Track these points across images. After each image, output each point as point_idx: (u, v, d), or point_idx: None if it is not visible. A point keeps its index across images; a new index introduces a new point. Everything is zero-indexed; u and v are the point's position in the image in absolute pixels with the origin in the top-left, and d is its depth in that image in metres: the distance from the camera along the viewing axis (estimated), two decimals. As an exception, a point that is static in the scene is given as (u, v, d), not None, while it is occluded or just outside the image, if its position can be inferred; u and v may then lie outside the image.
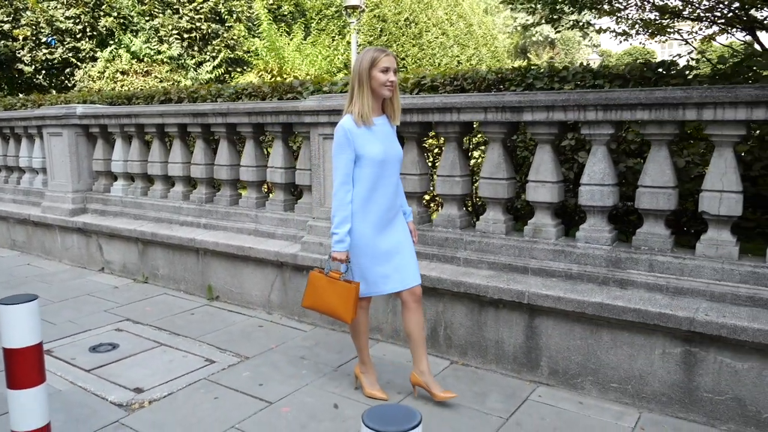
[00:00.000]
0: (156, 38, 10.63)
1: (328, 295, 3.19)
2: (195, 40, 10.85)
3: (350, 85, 3.15)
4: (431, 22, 20.13)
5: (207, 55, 10.97)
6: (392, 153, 3.17)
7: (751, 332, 2.92)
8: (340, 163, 3.08)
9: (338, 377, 3.74)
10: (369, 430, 1.39)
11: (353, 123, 3.05)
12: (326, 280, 3.21)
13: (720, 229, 3.25)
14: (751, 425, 3.04)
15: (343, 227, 3.10)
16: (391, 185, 3.19)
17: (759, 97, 2.95)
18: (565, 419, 3.22)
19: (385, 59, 3.04)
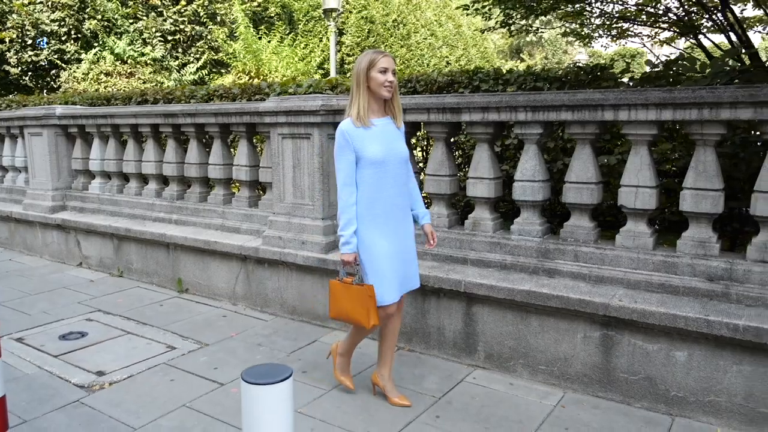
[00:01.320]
0: (140, 40, 10.89)
1: (346, 302, 3.16)
2: (179, 42, 11.10)
3: (351, 88, 3.17)
4: (420, 23, 20.37)
5: (191, 57, 11.23)
6: (394, 153, 3.13)
7: (658, 316, 3.17)
8: (342, 164, 3.08)
9: (290, 362, 3.98)
10: (246, 383, 1.64)
11: (352, 124, 3.06)
12: (341, 286, 3.19)
13: (637, 221, 3.51)
14: (662, 402, 3.29)
15: (349, 229, 3.08)
16: (396, 186, 3.15)
17: (666, 100, 3.20)
18: (494, 398, 3.47)
19: (383, 60, 3.05)
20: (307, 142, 4.45)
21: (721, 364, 3.11)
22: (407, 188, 3.28)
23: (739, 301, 3.14)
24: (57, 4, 10.65)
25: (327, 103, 4.29)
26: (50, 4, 10.72)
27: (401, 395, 3.40)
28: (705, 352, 3.14)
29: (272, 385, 1.61)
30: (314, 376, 3.77)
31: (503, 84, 4.49)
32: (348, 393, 3.53)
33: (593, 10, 5.55)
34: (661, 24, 6.24)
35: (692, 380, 3.19)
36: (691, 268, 3.29)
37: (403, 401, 3.35)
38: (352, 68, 3.07)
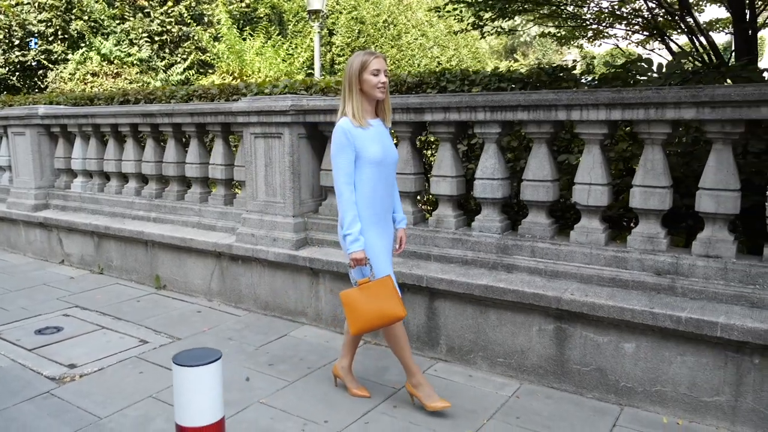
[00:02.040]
0: (126, 41, 10.99)
1: (372, 304, 3.04)
2: (166, 43, 11.21)
3: (342, 89, 3.16)
4: (411, 23, 20.49)
5: (178, 57, 11.34)
6: (390, 154, 3.18)
7: (607, 309, 3.29)
8: (342, 163, 3.05)
9: (257, 355, 4.09)
10: (177, 366, 1.74)
11: (351, 124, 3.05)
12: (359, 291, 3.08)
13: (590, 218, 3.62)
14: (612, 393, 3.40)
15: (356, 226, 3.05)
16: (387, 187, 3.19)
17: (615, 100, 3.31)
18: (452, 389, 3.58)
19: (375, 61, 3.05)
20: (278, 142, 4.56)
21: (666, 355, 3.22)
22: (393, 190, 3.31)
23: (684, 294, 3.26)
24: (44, 5, 10.76)
25: (297, 103, 4.40)
26: (37, 5, 10.84)
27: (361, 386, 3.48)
28: (651, 344, 3.25)
29: (201, 367, 1.71)
30: (280, 368, 3.87)
31: (469, 85, 4.61)
32: (311, 385, 3.64)
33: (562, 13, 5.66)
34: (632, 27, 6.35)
35: (640, 371, 3.30)
36: (640, 262, 3.41)
37: (362, 392, 3.44)
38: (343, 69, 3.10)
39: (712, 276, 3.22)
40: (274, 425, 3.19)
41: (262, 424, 3.20)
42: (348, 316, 3.11)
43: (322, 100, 4.49)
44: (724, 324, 2.99)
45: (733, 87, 3.06)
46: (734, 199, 3.17)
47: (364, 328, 3.10)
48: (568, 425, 3.18)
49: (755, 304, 3.08)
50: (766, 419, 3.00)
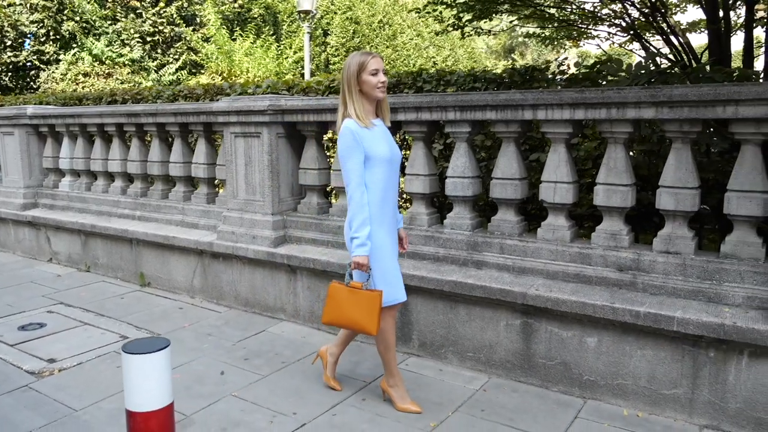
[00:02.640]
0: (118, 41, 11.09)
1: (351, 307, 3.08)
2: (158, 43, 11.31)
3: (341, 91, 3.13)
4: (406, 23, 20.56)
5: (170, 58, 11.43)
6: (396, 153, 3.17)
7: (570, 304, 3.36)
8: (353, 165, 3.01)
9: (234, 350, 4.17)
10: (126, 354, 1.83)
11: (357, 125, 3.02)
12: (347, 291, 3.10)
13: (557, 215, 3.70)
14: (576, 386, 3.48)
15: (364, 230, 3.00)
16: (395, 186, 3.18)
17: (578, 100, 3.39)
18: (422, 383, 3.66)
19: (373, 61, 3.04)
20: (257, 141, 4.64)
21: (627, 349, 3.30)
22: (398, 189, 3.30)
23: (644, 289, 3.34)
24: (36, 6, 10.86)
25: (275, 103, 4.48)
26: (29, 6, 10.94)
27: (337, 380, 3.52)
28: (613, 338, 3.33)
29: (148, 355, 1.79)
30: (254, 363, 3.95)
31: (444, 85, 4.68)
32: (284, 379, 3.72)
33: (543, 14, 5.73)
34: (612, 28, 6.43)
35: (602, 365, 3.38)
36: (603, 258, 3.49)
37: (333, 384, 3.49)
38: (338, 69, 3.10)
39: (671, 272, 3.30)
40: (243, 417, 3.26)
41: (232, 416, 3.28)
42: (326, 305, 3.19)
43: (300, 100, 4.57)
44: (680, 318, 3.06)
45: (689, 87, 3.13)
46: (692, 197, 3.25)
47: (332, 323, 3.21)
48: (530, 417, 3.25)
49: (712, 299, 3.16)
50: (721, 411, 3.08)
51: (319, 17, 16.36)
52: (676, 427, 3.14)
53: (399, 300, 3.18)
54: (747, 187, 3.11)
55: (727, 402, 3.06)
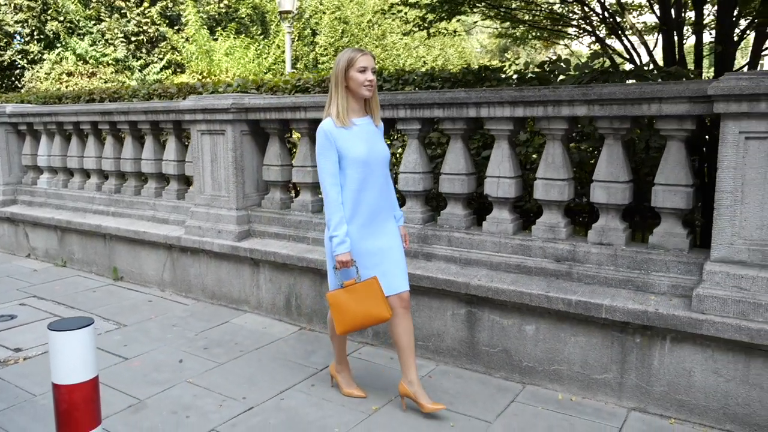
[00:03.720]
0: (102, 41, 11.23)
1: (358, 305, 3.04)
2: (142, 43, 11.45)
3: (329, 88, 3.11)
4: (395, 23, 20.70)
5: (155, 57, 11.57)
6: (376, 153, 3.10)
7: (508, 293, 3.52)
8: (326, 164, 3.02)
9: (196, 340, 4.32)
10: (51, 331, 1.97)
11: (333, 124, 3.01)
12: (345, 293, 3.08)
13: (500, 209, 3.85)
14: (516, 372, 3.63)
15: (342, 228, 3.02)
16: (377, 186, 3.13)
17: (517, 98, 3.54)
18: (371, 371, 3.81)
19: (362, 59, 2.99)
20: (222, 138, 4.79)
21: (562, 336, 3.46)
22: (387, 189, 3.24)
23: (579, 279, 3.49)
24: (20, 6, 11.00)
25: (238, 102, 4.63)
26: (13, 6, 11.09)
27: (435, 402, 3.22)
28: (549, 326, 3.48)
29: (71, 332, 1.94)
30: (214, 351, 4.10)
31: (403, 84, 4.83)
32: (240, 366, 3.87)
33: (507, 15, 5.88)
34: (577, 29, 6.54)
35: (540, 351, 3.53)
36: (542, 250, 3.64)
37: (436, 406, 3.18)
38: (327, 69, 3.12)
39: (604, 262, 3.45)
40: (195, 402, 3.41)
41: (184, 400, 3.43)
42: (335, 317, 3.10)
43: (262, 99, 4.71)
44: (608, 306, 3.22)
45: (617, 86, 3.29)
46: (623, 191, 3.40)
47: (349, 329, 3.12)
48: (470, 401, 3.40)
49: (640, 288, 3.32)
50: (647, 394, 3.24)
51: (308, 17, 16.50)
52: (605, 410, 3.29)
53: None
54: (672, 180, 3.26)
55: (652, 385, 3.22)
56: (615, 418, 3.21)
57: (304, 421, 3.21)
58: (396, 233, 3.26)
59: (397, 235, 3.27)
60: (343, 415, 3.26)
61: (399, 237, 3.28)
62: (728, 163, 2.94)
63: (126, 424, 3.18)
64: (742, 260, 2.96)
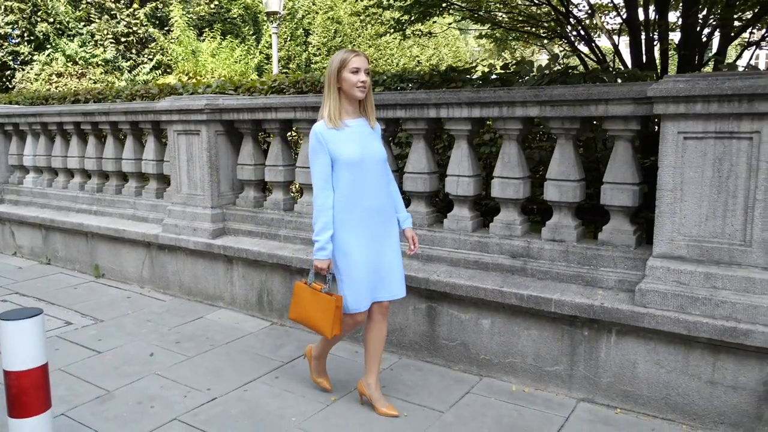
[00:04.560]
0: (92, 42, 11.37)
1: (311, 308, 3.11)
2: (132, 44, 11.58)
3: (324, 89, 3.10)
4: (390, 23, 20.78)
5: (144, 58, 11.71)
6: (371, 154, 3.05)
7: (465, 288, 3.63)
8: (317, 167, 2.99)
9: (169, 334, 4.44)
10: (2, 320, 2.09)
11: (325, 126, 2.99)
12: (309, 291, 3.13)
13: (461, 206, 3.96)
14: (474, 365, 3.75)
15: (324, 234, 2.98)
16: (374, 188, 3.07)
17: (474, 99, 3.66)
18: (335, 364, 3.91)
19: (356, 60, 2.97)
20: (197, 138, 4.91)
21: (515, 329, 3.57)
22: (387, 190, 3.18)
23: (533, 275, 3.61)
24: (10, 8, 11.14)
25: (212, 102, 4.75)
26: (3, 8, 11.22)
27: (389, 405, 3.27)
28: (504, 320, 3.60)
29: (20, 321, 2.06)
30: (184, 346, 4.22)
31: (374, 84, 4.94)
32: (208, 360, 3.99)
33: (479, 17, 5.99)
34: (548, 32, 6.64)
35: (495, 344, 3.65)
36: (499, 247, 3.75)
37: (390, 411, 3.22)
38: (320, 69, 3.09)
39: (556, 258, 3.57)
40: (161, 392, 3.53)
41: (151, 391, 3.55)
42: (291, 303, 3.27)
43: (236, 100, 4.84)
44: (557, 300, 3.34)
45: (567, 87, 3.40)
46: (574, 189, 3.52)
47: (296, 320, 3.28)
48: (426, 393, 3.52)
49: (589, 283, 3.43)
50: (595, 385, 3.35)
51: (301, 17, 16.62)
52: (556, 401, 3.41)
53: (360, 310, 3.10)
54: (619, 179, 3.38)
55: (599, 377, 3.34)
56: (563, 408, 3.33)
57: (263, 411, 3.33)
58: (396, 237, 3.22)
59: (397, 239, 3.22)
60: (302, 406, 3.38)
61: (398, 241, 3.23)
62: (668, 162, 3.05)
63: (93, 413, 3.31)
64: (681, 256, 3.08)
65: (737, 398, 2.98)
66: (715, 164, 2.94)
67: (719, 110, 2.87)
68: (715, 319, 2.94)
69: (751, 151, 2.86)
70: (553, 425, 3.16)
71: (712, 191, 2.96)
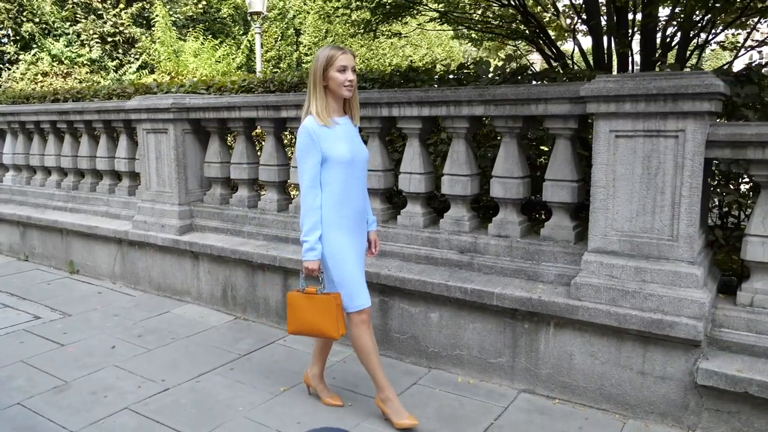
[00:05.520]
0: (78, 42, 11.48)
1: (310, 314, 2.99)
2: (119, 44, 11.70)
3: (308, 86, 3.00)
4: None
5: (131, 57, 11.82)
6: (359, 153, 3.02)
7: (414, 283, 3.73)
8: (307, 165, 2.88)
9: (133, 328, 4.54)
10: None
11: (316, 123, 2.89)
12: (304, 298, 3.01)
13: (413, 203, 4.06)
14: (424, 357, 3.85)
15: (313, 234, 2.90)
16: (360, 188, 3.05)
17: (423, 98, 3.76)
18: (291, 356, 4.03)
19: (342, 57, 2.87)
20: (165, 137, 5.01)
21: (461, 322, 3.67)
22: (366, 191, 3.16)
23: (479, 269, 3.70)
24: (-2, 8, 11.30)
25: (178, 101, 4.85)
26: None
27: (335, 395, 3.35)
28: (451, 313, 3.70)
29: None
30: (146, 339, 4.32)
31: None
32: (167, 352, 4.09)
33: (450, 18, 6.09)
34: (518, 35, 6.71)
35: (443, 337, 3.75)
36: (448, 242, 3.85)
37: (335, 401, 3.30)
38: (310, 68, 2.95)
39: (501, 253, 3.66)
40: (116, 383, 3.64)
41: (106, 382, 3.65)
42: (288, 316, 3.10)
43: (202, 99, 4.93)
44: (499, 294, 3.43)
45: (509, 87, 3.49)
46: (518, 186, 3.61)
47: (297, 332, 3.12)
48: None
49: (531, 277, 3.53)
50: (536, 376, 3.45)
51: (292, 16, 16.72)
52: (498, 392, 3.51)
53: (362, 306, 3.04)
54: (560, 176, 3.47)
55: (539, 368, 3.43)
56: (504, 399, 3.42)
57: (213, 400, 3.43)
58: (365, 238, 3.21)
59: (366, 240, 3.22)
60: (252, 396, 3.48)
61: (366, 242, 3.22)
62: (601, 159, 3.15)
63: (47, 402, 3.41)
64: (614, 250, 3.17)
65: (665, 388, 3.08)
66: (645, 161, 3.04)
67: (647, 109, 2.96)
68: (644, 311, 3.04)
69: (677, 149, 2.96)
70: (492, 415, 3.26)
71: (642, 188, 3.06)
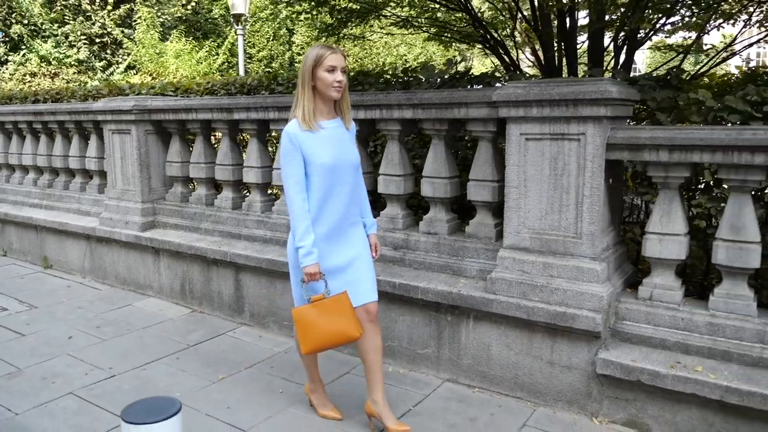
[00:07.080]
0: (66, 43, 11.75)
1: (326, 323, 2.81)
2: (107, 45, 11.96)
3: (296, 86, 2.92)
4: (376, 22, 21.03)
5: (119, 58, 12.09)
6: (345, 158, 2.90)
7: (349, 277, 3.92)
8: (290, 170, 2.81)
9: (93, 320, 4.76)
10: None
11: (298, 127, 2.82)
12: (313, 308, 2.84)
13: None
14: (360, 348, 4.04)
15: (308, 238, 2.80)
16: (345, 194, 2.92)
17: (358, 102, 3.93)
18: (237, 347, 4.23)
19: (332, 57, 2.78)
20: (129, 137, 5.22)
21: (393, 315, 3.86)
22: (357, 196, 3.05)
23: (410, 265, 3.89)
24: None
25: (140, 103, 5.06)
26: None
27: (400, 422, 3.05)
28: (384, 306, 3.86)
29: None
30: (104, 330, 4.54)
31: (293, 87, 5.24)
32: (120, 342, 4.30)
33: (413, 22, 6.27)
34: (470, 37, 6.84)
35: (377, 329, 3.94)
36: (383, 239, 4.04)
37: (402, 427, 2.99)
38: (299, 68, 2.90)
39: (430, 249, 3.85)
40: (66, 370, 3.86)
41: (57, 369, 3.87)
42: (300, 335, 2.88)
43: (162, 101, 5.14)
44: (423, 288, 3.62)
45: (434, 92, 3.68)
46: (445, 185, 3.80)
47: (316, 348, 2.90)
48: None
49: (456, 272, 3.72)
50: (458, 366, 3.64)
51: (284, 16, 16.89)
52: (423, 381, 3.70)
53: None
54: (481, 177, 3.65)
55: (461, 359, 3.62)
56: (428, 387, 3.62)
57: (154, 387, 3.64)
58: (364, 242, 3.09)
59: (366, 243, 3.10)
60: (191, 383, 3.69)
61: (367, 246, 3.11)
62: (513, 161, 3.33)
63: (-2, 388, 3.64)
64: (526, 247, 3.36)
65: (571, 377, 3.26)
66: (552, 163, 3.22)
67: (551, 114, 3.14)
68: (550, 304, 3.22)
69: (579, 151, 3.14)
70: (411, 401, 3.45)
71: (550, 188, 3.24)
